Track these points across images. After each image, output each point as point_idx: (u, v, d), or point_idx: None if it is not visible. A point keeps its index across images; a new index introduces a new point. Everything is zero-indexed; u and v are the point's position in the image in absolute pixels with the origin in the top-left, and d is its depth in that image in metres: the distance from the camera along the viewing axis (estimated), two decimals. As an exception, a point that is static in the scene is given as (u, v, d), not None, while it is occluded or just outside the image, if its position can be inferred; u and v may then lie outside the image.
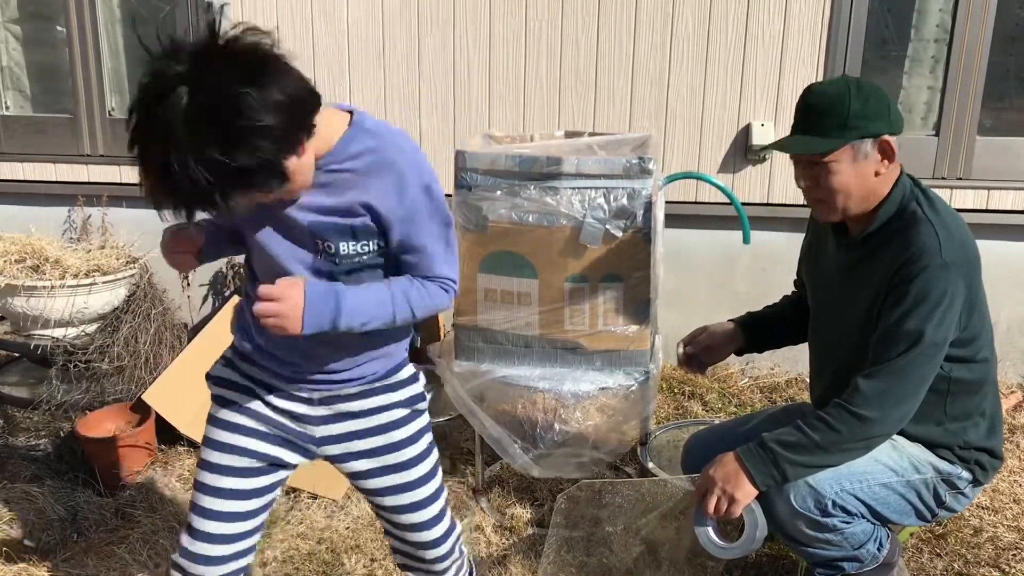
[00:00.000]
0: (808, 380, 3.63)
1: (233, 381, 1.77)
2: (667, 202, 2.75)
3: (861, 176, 1.97)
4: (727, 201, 3.00)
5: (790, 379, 3.72)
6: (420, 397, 1.87)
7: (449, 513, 1.90)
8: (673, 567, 2.25)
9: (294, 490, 2.91)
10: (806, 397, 3.56)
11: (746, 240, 2.85)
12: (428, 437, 1.86)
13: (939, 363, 1.94)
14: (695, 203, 3.74)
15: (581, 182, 2.39)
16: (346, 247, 1.61)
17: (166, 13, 3.92)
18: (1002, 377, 3.65)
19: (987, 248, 2.09)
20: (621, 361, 2.53)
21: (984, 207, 3.61)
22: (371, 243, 1.62)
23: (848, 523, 2.00)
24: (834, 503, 1.97)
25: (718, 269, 3.82)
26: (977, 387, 2.06)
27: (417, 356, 3.52)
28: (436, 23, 3.73)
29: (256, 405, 1.75)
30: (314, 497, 2.88)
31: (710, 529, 2.02)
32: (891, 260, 1.95)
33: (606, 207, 2.39)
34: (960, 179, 3.66)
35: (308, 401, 1.75)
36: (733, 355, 2.50)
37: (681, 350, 2.52)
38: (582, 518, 2.34)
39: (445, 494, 1.89)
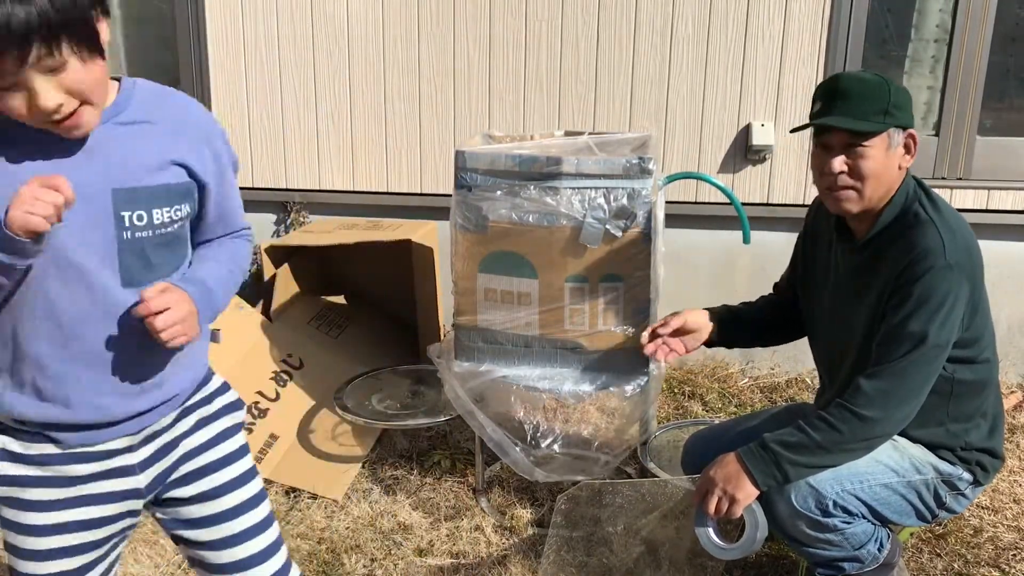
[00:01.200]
0: (808, 380, 3.64)
1: (24, 476, 1.44)
2: (667, 202, 2.75)
3: (888, 167, 1.98)
4: (727, 201, 3.00)
5: (790, 379, 3.72)
6: (237, 405, 1.66)
7: (286, 550, 1.66)
8: (673, 567, 2.25)
9: (294, 490, 2.91)
10: (806, 397, 3.56)
11: (746, 240, 2.85)
12: (250, 456, 1.64)
13: (942, 364, 1.94)
14: (695, 203, 3.74)
15: (581, 182, 2.39)
16: (160, 215, 1.39)
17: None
18: (1002, 377, 3.65)
19: (987, 248, 2.09)
20: (621, 361, 2.53)
21: (984, 207, 3.61)
22: (183, 207, 1.43)
23: (849, 523, 2.00)
24: (835, 503, 1.97)
25: (718, 269, 3.82)
26: (979, 388, 2.06)
27: (416, 356, 3.55)
28: (436, 23, 3.73)
29: (66, 491, 1.46)
30: (314, 497, 2.88)
31: (710, 530, 2.01)
32: (895, 262, 1.95)
33: (606, 207, 2.39)
34: (960, 179, 3.66)
35: (128, 449, 1.49)
36: (703, 347, 2.42)
37: (647, 337, 2.33)
38: (582, 518, 2.34)
39: (276, 526, 1.65)
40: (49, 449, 1.44)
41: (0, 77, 1.21)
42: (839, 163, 1.99)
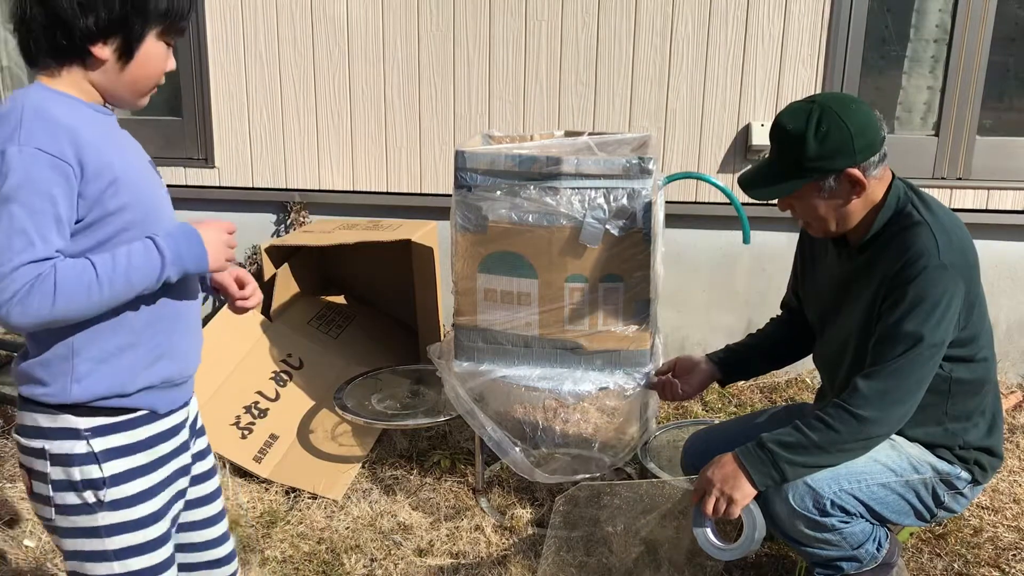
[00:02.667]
0: (808, 380, 3.64)
1: (128, 470, 1.52)
2: (667, 202, 2.75)
3: (832, 206, 2.00)
4: (727, 201, 3.00)
5: (790, 379, 3.72)
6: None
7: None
8: (673, 567, 2.25)
9: (294, 490, 2.91)
10: (806, 397, 3.56)
11: (746, 240, 2.85)
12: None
13: (938, 363, 1.94)
14: (695, 203, 3.74)
15: (581, 182, 2.39)
16: None
17: None
18: (1002, 377, 3.65)
19: (987, 248, 2.10)
20: (621, 361, 2.53)
21: (984, 207, 3.61)
22: None
23: (847, 523, 2.00)
24: (833, 503, 1.97)
25: (718, 269, 3.82)
26: (978, 387, 2.06)
27: (416, 356, 3.54)
28: (436, 23, 3.74)
29: (162, 472, 1.59)
30: (314, 497, 2.88)
31: (708, 530, 2.01)
32: (889, 263, 1.95)
33: (606, 207, 2.39)
34: (960, 179, 3.66)
35: (191, 424, 1.69)
36: (716, 385, 2.51)
37: (655, 378, 2.51)
38: (581, 519, 2.34)
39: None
40: (148, 431, 1.54)
41: (175, 37, 1.52)
42: (783, 205, 2.07)
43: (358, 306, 3.95)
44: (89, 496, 1.48)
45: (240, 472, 2.94)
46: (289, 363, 3.35)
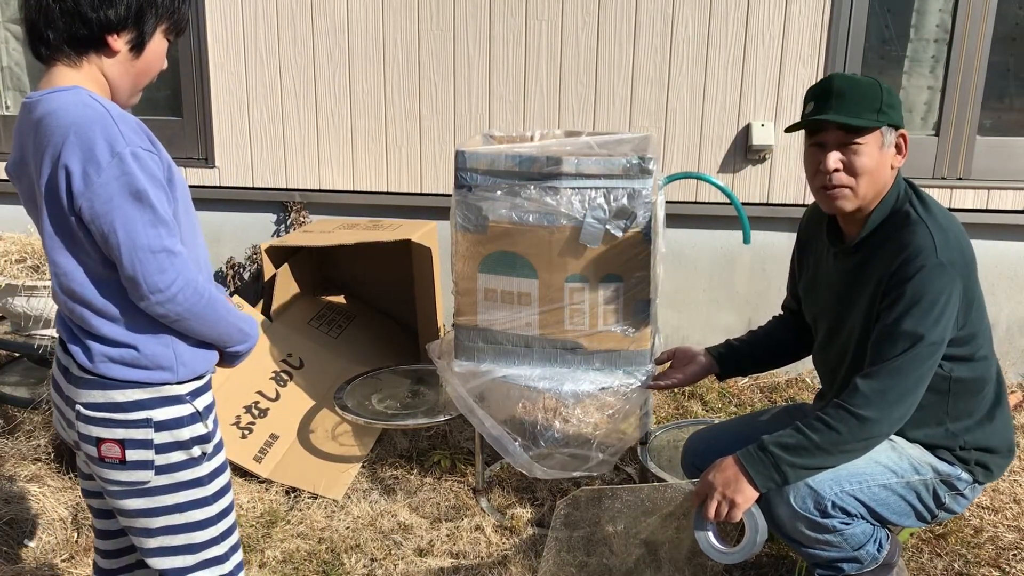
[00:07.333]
0: (808, 380, 3.64)
1: (216, 416, 1.74)
2: (667, 202, 2.75)
3: (881, 165, 1.99)
4: (727, 201, 3.00)
5: (790, 379, 3.72)
6: None
7: None
8: (673, 567, 2.25)
9: (294, 490, 2.91)
10: (806, 397, 3.56)
11: (746, 240, 2.85)
12: None
13: (937, 362, 1.94)
14: (695, 203, 3.75)
15: (581, 182, 2.39)
16: None
17: None
18: (1002, 377, 3.65)
19: (987, 248, 2.09)
20: (621, 361, 2.53)
21: (984, 207, 3.61)
22: None
23: (848, 524, 2.00)
24: (834, 504, 1.97)
25: (718, 269, 3.82)
26: (979, 386, 2.06)
27: (416, 356, 3.54)
28: (436, 22, 3.74)
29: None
30: (314, 497, 2.88)
31: (710, 533, 2.00)
32: (887, 262, 1.95)
33: (606, 207, 2.39)
34: (960, 179, 3.66)
35: None
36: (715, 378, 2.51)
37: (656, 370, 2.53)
38: (582, 520, 2.34)
39: None
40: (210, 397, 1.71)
41: (175, 36, 1.66)
42: (834, 160, 1.98)
43: (358, 306, 3.95)
44: (196, 451, 1.63)
45: (240, 472, 2.94)
46: (289, 363, 3.35)
